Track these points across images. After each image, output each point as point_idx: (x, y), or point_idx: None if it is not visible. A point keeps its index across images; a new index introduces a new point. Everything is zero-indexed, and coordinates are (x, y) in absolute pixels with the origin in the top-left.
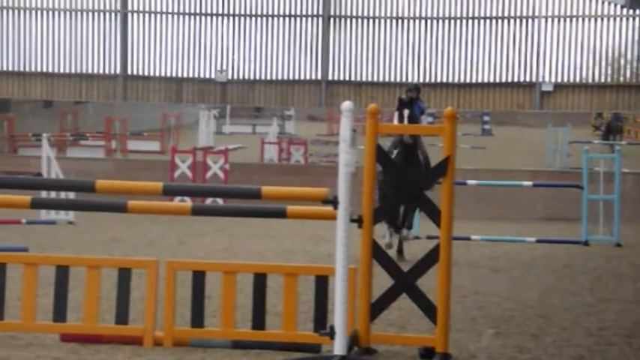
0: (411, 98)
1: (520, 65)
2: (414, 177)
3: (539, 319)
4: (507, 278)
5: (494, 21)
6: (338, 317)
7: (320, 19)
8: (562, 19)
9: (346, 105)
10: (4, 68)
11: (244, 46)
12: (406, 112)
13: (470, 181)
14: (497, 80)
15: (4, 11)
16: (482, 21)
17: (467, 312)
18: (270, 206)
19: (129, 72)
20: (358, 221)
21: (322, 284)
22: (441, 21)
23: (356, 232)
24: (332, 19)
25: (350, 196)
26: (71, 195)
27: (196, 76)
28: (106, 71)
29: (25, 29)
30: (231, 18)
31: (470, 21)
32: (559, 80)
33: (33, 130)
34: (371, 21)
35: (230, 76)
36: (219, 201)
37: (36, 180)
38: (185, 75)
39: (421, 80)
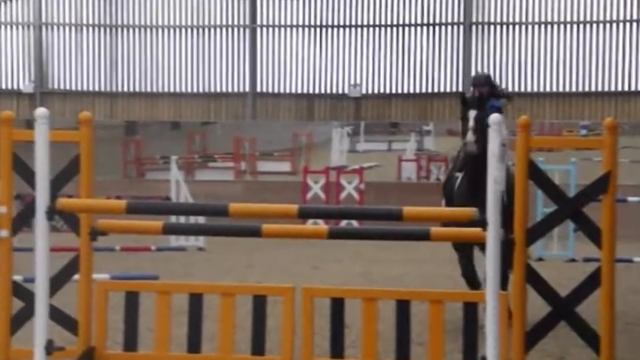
0: (480, 95)
1: None
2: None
3: None
4: None
5: None
6: (490, 347)
7: (461, 26)
8: None
9: (494, 118)
10: (131, 90)
11: (379, 58)
12: (472, 113)
13: (631, 198)
14: None
15: (130, 30)
16: (638, 24)
17: (634, 342)
18: (413, 228)
19: (258, 89)
20: (510, 243)
21: (471, 311)
22: (593, 25)
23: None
24: (474, 27)
25: (500, 216)
26: (200, 220)
27: (328, 91)
28: (235, 89)
29: (150, 48)
30: (364, 29)
31: (627, 24)
32: None
33: (160, 152)
34: (516, 27)
35: (364, 91)
36: (354, 223)
37: (168, 205)
38: (316, 91)
39: (573, 89)
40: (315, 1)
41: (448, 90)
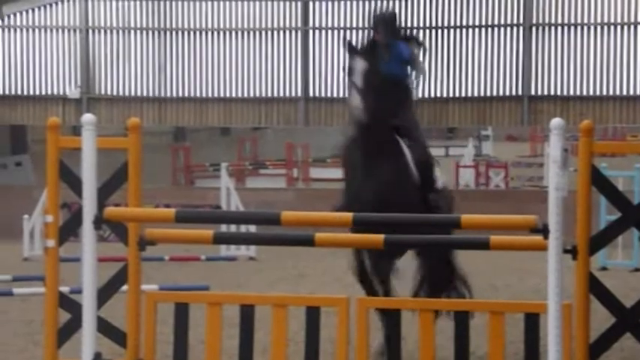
0: (373, 42)
1: None
2: (378, 185)
3: None
4: None
5: None
6: None
7: (520, 28)
8: None
9: (556, 122)
10: (180, 95)
11: (435, 61)
12: (359, 65)
13: None
14: None
15: (179, 34)
16: None
17: None
18: (471, 237)
19: (310, 94)
20: (572, 252)
21: (532, 323)
22: None
23: (568, 263)
24: (534, 28)
25: (562, 223)
26: (252, 228)
27: None
28: (287, 94)
29: (200, 52)
30: (419, 31)
31: None
32: None
33: (210, 159)
34: (578, 28)
35: (420, 95)
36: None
37: (218, 213)
38: None
39: (637, 92)
40: (369, 3)
41: (507, 94)
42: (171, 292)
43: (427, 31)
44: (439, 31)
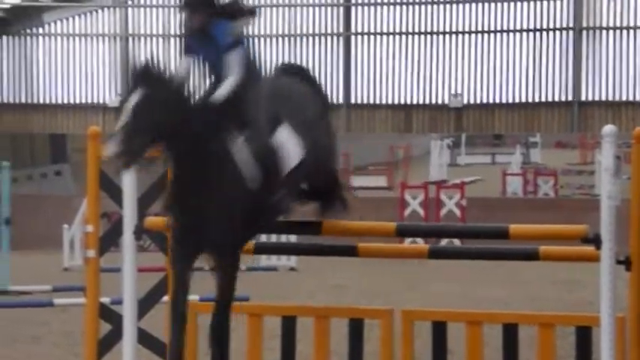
0: (200, 26)
1: None
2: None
3: None
4: None
5: None
6: None
7: (570, 32)
8: None
9: (608, 129)
10: None
11: (481, 66)
12: (186, 61)
13: None
14: None
15: None
16: None
17: None
18: (520, 247)
19: (352, 100)
20: (625, 263)
21: (584, 336)
22: None
23: (621, 275)
24: (584, 32)
25: (615, 233)
26: (292, 238)
27: (427, 102)
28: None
29: None
30: (465, 35)
31: None
32: None
33: None
34: (630, 32)
35: (465, 101)
36: (455, 241)
37: None
38: (414, 101)
39: None
40: (412, 8)
41: (557, 99)
42: (211, 302)
43: (474, 35)
44: (486, 35)
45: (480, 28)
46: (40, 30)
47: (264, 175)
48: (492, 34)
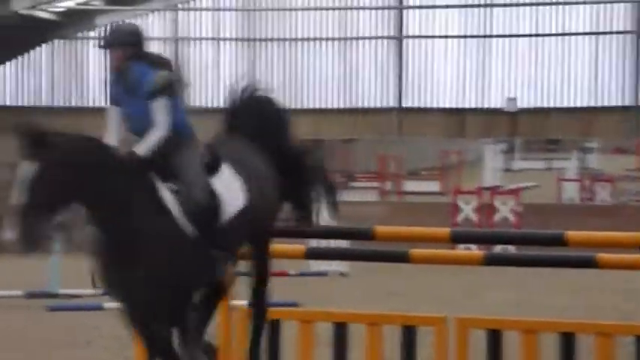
0: (117, 65)
1: None
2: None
3: None
4: None
5: None
6: None
7: (631, 36)
8: None
9: None
10: None
11: (537, 69)
12: (113, 111)
13: None
14: None
15: (270, 44)
16: None
17: None
18: (577, 254)
19: (404, 104)
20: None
21: None
22: None
23: None
24: None
25: None
26: (343, 243)
27: (481, 106)
28: (380, 104)
29: (291, 62)
30: (520, 39)
31: None
32: None
33: None
34: None
35: (521, 105)
36: (509, 248)
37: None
38: (468, 105)
39: None
40: (465, 10)
41: (615, 104)
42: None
43: (529, 38)
44: (541, 38)
45: (535, 31)
46: (92, 33)
47: (199, 229)
48: (550, 38)
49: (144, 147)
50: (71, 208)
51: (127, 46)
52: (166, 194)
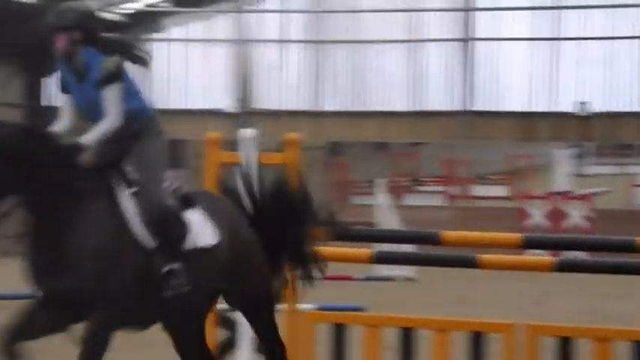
0: (63, 51)
1: None
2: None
3: None
4: None
5: None
6: None
7: None
8: None
9: None
10: (337, 108)
11: (610, 72)
12: (63, 99)
13: None
14: None
15: (337, 46)
16: None
17: None
18: None
19: (472, 108)
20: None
21: None
22: None
23: None
24: None
25: None
26: (410, 248)
27: (551, 110)
28: (447, 107)
29: (358, 65)
30: (591, 41)
31: None
32: None
33: (365, 175)
34: None
35: (593, 109)
36: (578, 254)
37: (376, 232)
38: (537, 109)
39: None
40: (536, 13)
41: None
42: (328, 312)
43: (601, 40)
44: (615, 41)
45: (608, 33)
46: (158, 35)
47: (155, 237)
48: (622, 40)
49: (91, 137)
50: (5, 201)
51: (74, 30)
52: (121, 194)
